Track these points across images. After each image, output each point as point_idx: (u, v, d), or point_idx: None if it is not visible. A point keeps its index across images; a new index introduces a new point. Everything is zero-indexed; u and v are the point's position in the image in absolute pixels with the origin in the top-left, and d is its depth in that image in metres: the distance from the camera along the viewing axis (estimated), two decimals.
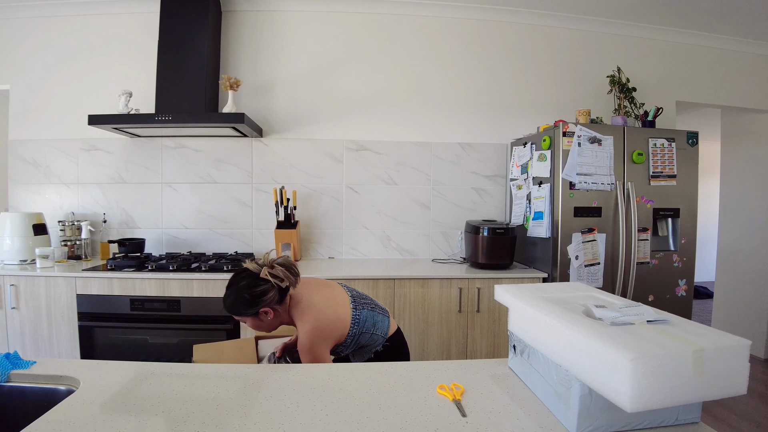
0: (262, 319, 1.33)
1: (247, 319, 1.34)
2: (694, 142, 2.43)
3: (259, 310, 1.30)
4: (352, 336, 1.39)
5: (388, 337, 1.46)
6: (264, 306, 1.30)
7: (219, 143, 2.80)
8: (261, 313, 1.31)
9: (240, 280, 1.32)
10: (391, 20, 2.88)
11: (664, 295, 2.41)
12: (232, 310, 1.32)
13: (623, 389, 0.63)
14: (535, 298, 0.95)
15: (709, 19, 2.94)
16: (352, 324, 1.39)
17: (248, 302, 1.29)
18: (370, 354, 1.45)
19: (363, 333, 1.41)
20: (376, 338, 1.43)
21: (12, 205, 2.78)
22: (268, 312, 1.32)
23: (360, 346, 1.42)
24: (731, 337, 0.71)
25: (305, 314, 1.34)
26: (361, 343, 1.42)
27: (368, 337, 1.42)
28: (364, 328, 1.41)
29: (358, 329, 1.40)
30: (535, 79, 2.99)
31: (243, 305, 1.30)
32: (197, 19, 2.53)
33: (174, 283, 2.18)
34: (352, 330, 1.39)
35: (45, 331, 2.20)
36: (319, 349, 1.31)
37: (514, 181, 2.74)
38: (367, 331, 1.41)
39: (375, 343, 1.44)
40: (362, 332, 1.40)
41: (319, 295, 1.41)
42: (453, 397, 0.90)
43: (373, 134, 2.88)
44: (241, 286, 1.31)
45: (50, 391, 0.98)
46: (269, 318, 1.33)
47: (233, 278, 1.34)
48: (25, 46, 2.76)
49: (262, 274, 1.30)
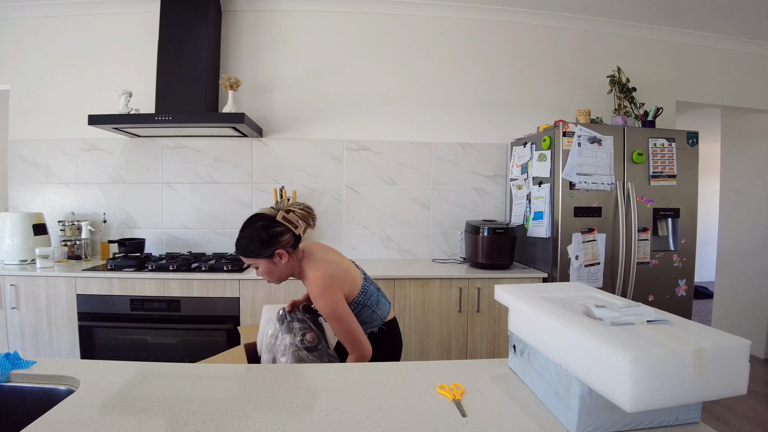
0: (275, 262, 1.31)
1: (261, 263, 1.31)
2: (694, 142, 2.43)
3: (274, 252, 1.29)
4: (357, 303, 1.40)
5: (386, 321, 1.47)
6: (280, 247, 1.29)
7: (219, 143, 2.80)
8: (276, 256, 1.30)
9: (255, 221, 1.32)
10: (391, 20, 2.88)
11: (664, 295, 2.41)
12: (247, 252, 1.30)
13: (623, 389, 0.63)
14: (535, 298, 0.95)
15: (709, 19, 2.94)
16: (360, 291, 1.40)
17: (264, 242, 1.28)
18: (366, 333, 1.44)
19: (366, 306, 1.42)
20: (375, 318, 1.45)
21: (12, 205, 2.78)
22: (283, 255, 1.31)
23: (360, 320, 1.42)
24: (731, 337, 0.71)
25: (318, 264, 1.36)
26: (362, 318, 1.42)
27: (369, 314, 1.43)
28: (369, 302, 1.42)
29: (363, 299, 1.41)
30: (535, 79, 2.99)
31: (259, 246, 1.29)
32: (197, 19, 2.53)
33: (174, 283, 2.18)
34: (359, 298, 1.40)
35: (45, 331, 2.20)
36: (332, 292, 1.30)
37: (514, 181, 2.74)
38: (371, 306, 1.43)
39: (373, 322, 1.45)
40: (366, 305, 1.42)
41: (333, 255, 1.46)
42: (453, 397, 0.90)
43: (373, 134, 2.88)
44: (257, 227, 1.30)
45: (50, 391, 0.97)
46: (283, 262, 1.32)
47: (247, 221, 1.33)
48: (25, 46, 2.76)
49: (278, 218, 1.30)
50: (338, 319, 1.29)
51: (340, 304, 1.30)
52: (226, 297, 2.19)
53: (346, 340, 1.30)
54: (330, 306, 1.28)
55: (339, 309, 1.29)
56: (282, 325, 1.41)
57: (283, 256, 1.31)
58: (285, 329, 1.38)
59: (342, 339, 1.30)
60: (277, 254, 1.30)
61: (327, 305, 1.28)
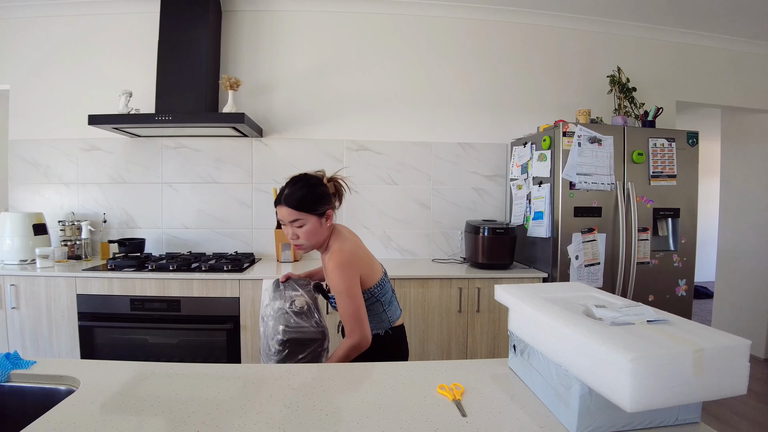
0: (322, 223, 1.32)
1: (311, 220, 1.29)
2: (694, 142, 2.43)
3: (326, 210, 1.31)
4: (371, 294, 1.36)
5: (394, 326, 1.43)
6: (330, 207, 1.32)
7: (219, 143, 2.80)
8: (325, 216, 1.32)
9: (309, 177, 1.33)
10: (391, 20, 2.88)
11: (664, 295, 2.41)
12: (302, 204, 1.28)
13: (623, 389, 0.63)
14: (535, 298, 0.95)
15: (709, 19, 2.94)
16: (378, 283, 1.37)
17: (320, 198, 1.30)
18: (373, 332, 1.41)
19: (379, 302, 1.39)
20: (385, 319, 1.41)
21: (12, 205, 2.78)
22: (330, 217, 1.33)
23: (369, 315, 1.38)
24: (731, 337, 0.71)
25: (346, 241, 1.36)
26: (372, 313, 1.38)
27: (380, 311, 1.39)
28: (383, 298, 1.40)
29: (379, 293, 1.38)
30: (536, 79, 2.99)
31: (315, 199, 1.29)
32: (197, 19, 2.53)
33: (174, 283, 2.18)
34: (374, 289, 1.37)
35: (45, 331, 2.20)
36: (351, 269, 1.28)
37: (514, 181, 2.74)
38: (383, 303, 1.40)
39: (382, 323, 1.41)
40: (379, 300, 1.38)
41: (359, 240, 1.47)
42: (453, 397, 0.90)
43: (373, 134, 2.88)
44: (313, 182, 1.31)
45: (50, 391, 0.97)
46: (327, 225, 1.33)
47: (300, 176, 1.34)
48: (26, 45, 2.76)
49: (325, 180, 1.34)
50: (349, 297, 1.26)
51: (355, 284, 1.29)
52: (226, 297, 2.19)
53: (349, 320, 1.27)
54: (344, 282, 1.26)
55: (353, 288, 1.28)
56: (275, 292, 1.42)
57: (330, 219, 1.32)
58: (278, 296, 1.40)
59: (345, 319, 1.27)
60: (326, 214, 1.31)
61: (342, 280, 1.26)
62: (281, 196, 1.31)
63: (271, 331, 1.32)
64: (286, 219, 1.30)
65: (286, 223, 1.32)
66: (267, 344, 1.33)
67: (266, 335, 1.35)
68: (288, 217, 1.30)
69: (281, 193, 1.32)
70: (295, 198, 1.28)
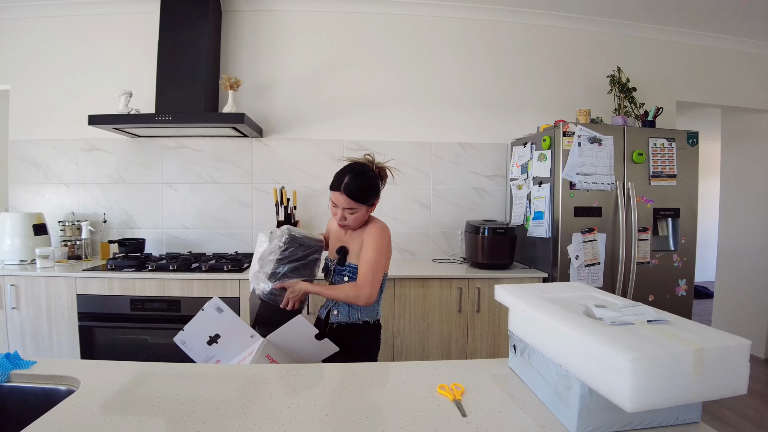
0: (369, 211, 1.41)
1: (362, 209, 1.37)
2: (694, 141, 2.43)
3: (375, 201, 1.41)
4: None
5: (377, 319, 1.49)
6: (378, 199, 1.42)
7: (219, 143, 2.80)
8: (374, 205, 1.41)
9: (367, 170, 1.39)
10: (391, 20, 2.88)
11: (665, 295, 2.41)
12: (359, 195, 1.35)
13: (623, 389, 0.63)
14: (535, 298, 0.95)
15: (709, 19, 2.94)
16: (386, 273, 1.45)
17: (375, 191, 1.39)
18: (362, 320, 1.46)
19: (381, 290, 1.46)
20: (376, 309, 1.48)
21: (12, 205, 2.78)
22: (375, 205, 1.42)
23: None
24: (731, 336, 0.71)
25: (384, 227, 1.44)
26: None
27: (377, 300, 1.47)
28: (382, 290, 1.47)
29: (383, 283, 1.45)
30: (535, 78, 2.99)
31: (371, 192, 1.37)
32: (197, 19, 2.53)
33: (174, 283, 2.18)
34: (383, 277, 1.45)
35: (45, 331, 2.20)
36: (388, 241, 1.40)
37: (515, 180, 2.74)
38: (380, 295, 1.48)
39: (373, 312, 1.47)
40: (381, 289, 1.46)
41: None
42: (453, 397, 0.90)
43: (373, 134, 2.88)
44: (369, 176, 1.38)
45: (50, 391, 0.97)
46: (373, 208, 1.43)
47: (358, 167, 1.39)
48: (26, 46, 2.76)
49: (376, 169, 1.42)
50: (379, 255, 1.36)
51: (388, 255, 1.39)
52: (226, 297, 2.19)
53: (368, 274, 1.34)
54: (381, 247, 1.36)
55: (385, 254, 1.38)
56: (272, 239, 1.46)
57: (375, 205, 1.41)
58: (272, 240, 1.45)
59: (365, 271, 1.35)
60: (375, 203, 1.41)
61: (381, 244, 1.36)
62: (340, 182, 1.36)
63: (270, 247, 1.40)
64: (342, 205, 1.37)
65: (339, 208, 1.38)
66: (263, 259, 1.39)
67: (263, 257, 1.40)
68: (343, 204, 1.36)
69: (340, 180, 1.36)
70: (354, 188, 1.34)
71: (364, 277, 1.34)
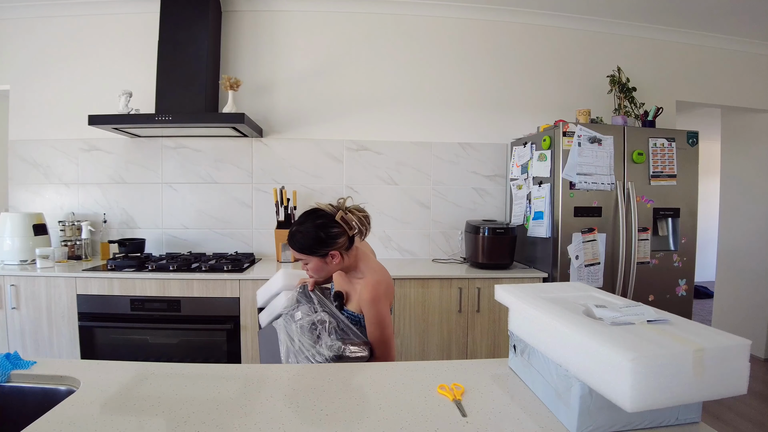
0: (327, 262, 1.30)
1: (313, 260, 1.30)
2: (694, 141, 2.43)
3: (328, 252, 1.28)
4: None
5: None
6: (334, 249, 1.29)
7: (219, 143, 2.80)
8: (329, 256, 1.29)
9: (315, 218, 1.30)
10: (391, 20, 2.88)
11: (665, 295, 2.41)
12: (301, 248, 1.29)
13: (623, 389, 0.63)
14: (535, 298, 0.95)
15: (709, 19, 2.94)
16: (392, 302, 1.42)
17: (321, 241, 1.27)
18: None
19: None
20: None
21: (12, 205, 2.78)
22: (335, 256, 1.30)
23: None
24: (731, 336, 0.71)
25: (377, 269, 1.36)
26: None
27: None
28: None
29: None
30: (535, 78, 2.99)
31: (315, 243, 1.27)
32: (197, 19, 2.53)
33: (174, 283, 2.17)
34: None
35: (45, 332, 2.20)
36: (385, 301, 1.31)
37: (515, 180, 2.74)
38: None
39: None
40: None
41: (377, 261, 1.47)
42: (453, 397, 0.90)
43: (373, 134, 2.88)
44: (317, 224, 1.28)
45: (50, 391, 0.97)
46: (334, 263, 1.31)
47: (307, 215, 1.32)
48: (26, 46, 2.76)
49: (336, 217, 1.29)
50: (382, 327, 1.29)
51: (388, 313, 1.31)
52: (226, 297, 2.19)
53: (380, 347, 1.29)
54: (380, 314, 1.29)
55: (387, 318, 1.30)
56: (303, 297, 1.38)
57: (335, 257, 1.30)
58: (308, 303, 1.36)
59: (377, 345, 1.30)
60: (330, 254, 1.29)
61: (378, 313, 1.28)
62: (289, 233, 1.33)
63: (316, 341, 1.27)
64: (293, 256, 1.34)
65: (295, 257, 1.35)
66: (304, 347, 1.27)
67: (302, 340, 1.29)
68: (294, 255, 1.33)
69: (290, 230, 1.33)
70: (295, 241, 1.29)
71: (380, 352, 1.29)
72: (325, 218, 1.29)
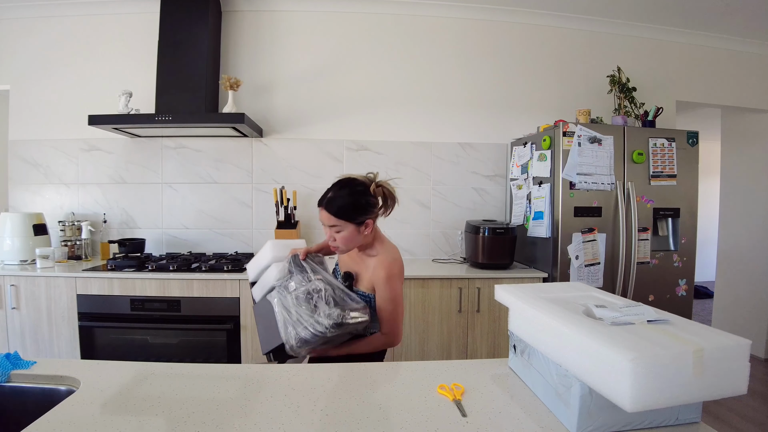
0: (360, 231, 1.30)
1: (348, 228, 1.28)
2: (694, 141, 2.43)
3: (364, 220, 1.29)
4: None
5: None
6: (370, 218, 1.30)
7: (219, 143, 2.80)
8: (364, 225, 1.30)
9: (355, 185, 1.30)
10: (391, 20, 2.88)
11: (665, 295, 2.41)
12: (341, 212, 1.26)
13: (623, 389, 0.63)
14: (536, 298, 0.95)
15: (709, 19, 2.94)
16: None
17: (361, 208, 1.28)
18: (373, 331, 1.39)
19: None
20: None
21: (12, 205, 2.78)
22: (369, 226, 1.31)
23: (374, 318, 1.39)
24: (731, 336, 0.71)
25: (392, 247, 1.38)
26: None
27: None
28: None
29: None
30: (535, 78, 2.99)
31: (355, 210, 1.27)
32: (197, 19, 2.53)
33: (174, 283, 2.18)
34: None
35: (45, 332, 2.20)
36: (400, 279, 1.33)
37: (515, 180, 2.74)
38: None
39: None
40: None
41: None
42: (453, 397, 0.90)
43: (373, 134, 2.88)
44: (357, 191, 1.29)
45: (50, 391, 0.97)
46: (366, 233, 1.31)
47: (345, 182, 1.31)
48: (25, 46, 2.76)
49: (371, 188, 1.30)
50: (395, 304, 1.30)
51: (401, 291, 1.33)
52: (226, 297, 2.19)
53: (390, 322, 1.30)
54: (395, 292, 1.30)
55: (400, 297, 1.32)
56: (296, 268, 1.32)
57: (368, 228, 1.31)
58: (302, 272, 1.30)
59: (387, 319, 1.31)
60: (365, 223, 1.30)
61: (392, 290, 1.30)
62: (324, 198, 1.30)
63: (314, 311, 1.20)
64: (326, 223, 1.30)
65: (325, 226, 1.32)
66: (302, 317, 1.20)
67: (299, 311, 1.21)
68: (327, 222, 1.30)
69: (324, 196, 1.31)
70: (335, 205, 1.27)
71: (389, 328, 1.31)
72: (364, 186, 1.30)
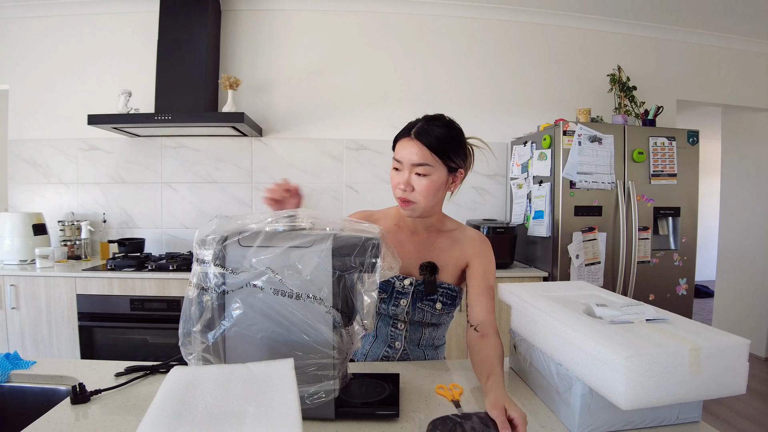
0: (451, 179, 1.02)
1: (438, 171, 0.97)
2: (694, 140, 2.43)
3: (459, 167, 1.02)
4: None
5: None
6: (463, 168, 1.04)
7: (219, 143, 2.80)
8: (458, 172, 1.03)
9: (452, 121, 1.06)
10: (390, 19, 2.88)
11: (665, 294, 2.41)
12: (442, 145, 0.97)
13: (618, 387, 0.63)
14: (536, 297, 0.95)
15: (710, 18, 2.94)
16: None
17: (461, 148, 1.02)
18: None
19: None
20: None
21: (12, 205, 2.78)
22: (459, 178, 1.04)
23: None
24: (730, 336, 0.70)
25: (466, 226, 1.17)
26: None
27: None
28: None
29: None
30: (536, 77, 2.98)
31: (455, 147, 1.00)
32: (197, 18, 2.53)
33: (174, 283, 2.17)
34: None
35: (45, 332, 2.20)
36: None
37: (515, 180, 2.74)
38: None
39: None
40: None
41: None
42: (452, 397, 0.90)
43: (373, 133, 2.88)
44: (457, 127, 1.04)
45: (50, 391, 0.97)
46: (453, 187, 1.05)
47: (440, 115, 1.06)
48: (25, 46, 2.76)
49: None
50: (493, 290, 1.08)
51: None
52: None
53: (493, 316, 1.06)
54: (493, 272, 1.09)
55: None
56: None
57: (458, 181, 1.04)
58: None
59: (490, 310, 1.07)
60: (460, 171, 1.03)
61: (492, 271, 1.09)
62: (412, 128, 1.00)
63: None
64: (412, 159, 0.97)
65: (405, 165, 0.98)
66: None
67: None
68: (414, 157, 0.97)
69: (412, 126, 1.01)
70: (433, 136, 0.97)
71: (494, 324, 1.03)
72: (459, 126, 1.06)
